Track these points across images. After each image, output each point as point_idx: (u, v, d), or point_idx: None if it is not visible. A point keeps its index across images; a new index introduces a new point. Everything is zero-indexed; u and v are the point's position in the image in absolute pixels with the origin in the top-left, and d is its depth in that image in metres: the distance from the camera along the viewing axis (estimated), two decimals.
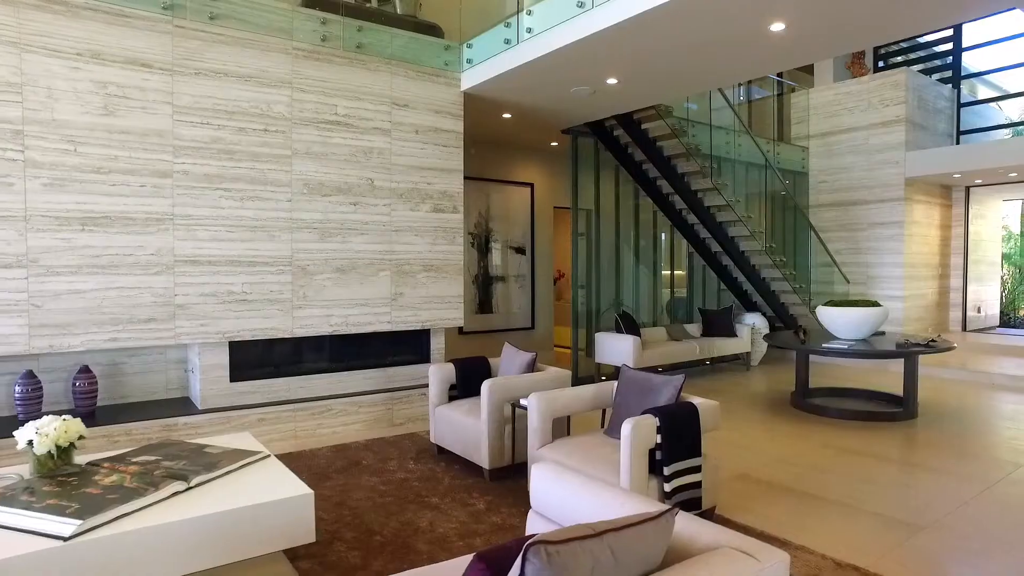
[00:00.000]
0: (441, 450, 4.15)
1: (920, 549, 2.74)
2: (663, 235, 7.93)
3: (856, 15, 3.67)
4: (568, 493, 1.74)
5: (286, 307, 4.46)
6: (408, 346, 5.21)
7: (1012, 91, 9.62)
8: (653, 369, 5.83)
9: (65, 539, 1.88)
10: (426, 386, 5.08)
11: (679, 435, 2.71)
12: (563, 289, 10.66)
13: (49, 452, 2.45)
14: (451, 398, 4.18)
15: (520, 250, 8.07)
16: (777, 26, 3.81)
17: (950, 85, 9.37)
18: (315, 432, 4.57)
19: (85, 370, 4.06)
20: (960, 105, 9.37)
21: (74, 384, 4.03)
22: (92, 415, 4.01)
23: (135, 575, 1.96)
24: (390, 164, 4.87)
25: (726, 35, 3.99)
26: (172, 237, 4.03)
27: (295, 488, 2.31)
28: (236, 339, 4.30)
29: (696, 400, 2.93)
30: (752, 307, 8.22)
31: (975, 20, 4.11)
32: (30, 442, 2.43)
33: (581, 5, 3.98)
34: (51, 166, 3.64)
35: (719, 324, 7.45)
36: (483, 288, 7.68)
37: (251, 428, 4.32)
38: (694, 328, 7.50)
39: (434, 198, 5.11)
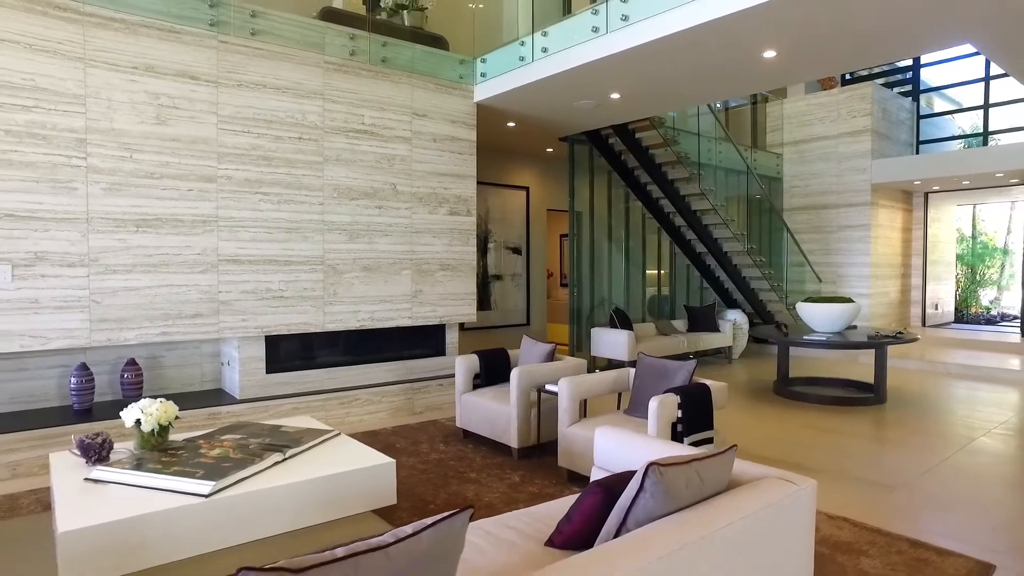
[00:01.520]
0: (467, 433, 4.53)
1: (896, 504, 3.25)
2: (651, 236, 8.43)
3: (835, 47, 4.18)
4: (629, 449, 2.16)
5: (318, 303, 4.79)
6: (425, 340, 5.57)
7: (965, 105, 10.44)
8: None
9: (206, 496, 2.22)
10: (443, 377, 5.45)
11: (696, 410, 3.16)
12: (551, 287, 11.12)
13: (152, 430, 2.77)
14: (475, 386, 4.57)
15: (516, 250, 8.49)
16: (769, 54, 4.31)
17: (910, 98, 10.12)
18: (344, 420, 4.90)
19: (132, 363, 4.33)
20: (919, 117, 10.13)
21: (122, 376, 4.29)
22: None
23: (260, 527, 2.31)
24: (411, 170, 5.23)
25: (724, 61, 4.47)
26: (216, 238, 4.32)
27: (378, 458, 2.68)
28: (273, 333, 4.61)
29: (708, 382, 3.39)
30: (733, 304, 8.79)
31: (932, 52, 4.72)
32: (137, 421, 2.75)
33: (596, 30, 4.42)
34: (110, 172, 3.91)
35: (703, 320, 7.99)
36: (482, 286, 8.06)
37: (286, 416, 4.63)
38: (680, 324, 8.02)
39: (450, 202, 5.49)
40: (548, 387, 3.94)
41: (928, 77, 10.49)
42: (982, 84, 9.45)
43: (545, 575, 1.21)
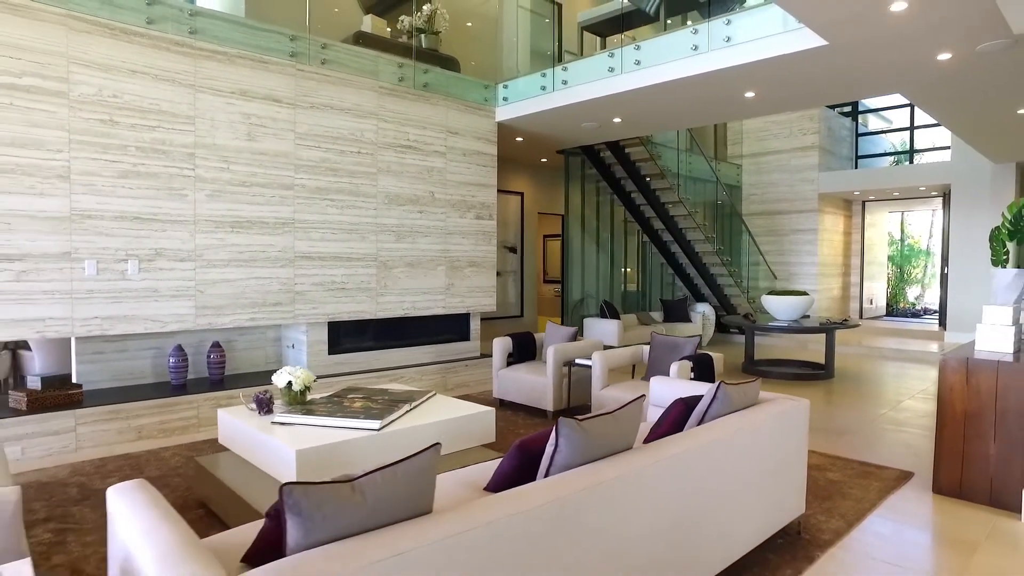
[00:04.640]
0: (503, 402, 5.42)
1: (848, 443, 4.34)
2: (630, 238, 9.49)
3: (799, 92, 5.27)
4: (674, 390, 3.11)
5: (372, 294, 5.57)
6: (453, 327, 6.42)
7: (896, 124, 11.97)
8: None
9: (377, 430, 3.04)
10: (469, 359, 6.31)
11: (704, 373, 4.15)
12: (535, 283, 12.05)
13: (299, 389, 3.55)
14: (508, 363, 5.45)
15: (512, 249, 9.38)
16: (750, 94, 5.36)
17: (850, 118, 11.56)
18: None
19: (216, 346, 5.01)
20: (858, 135, 11.58)
21: (209, 357, 4.97)
22: (222, 382, 4.97)
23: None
24: (445, 180, 6.06)
25: (713, 99, 5.51)
26: (293, 238, 5.05)
27: (481, 408, 3.54)
28: (335, 319, 5.37)
29: (710, 352, 4.39)
30: (700, 298, 9.96)
31: (872, 97, 5.88)
32: (289, 383, 3.52)
33: (611, 70, 5.37)
34: (212, 181, 4.60)
35: (677, 311, 9.11)
36: None
37: None
38: (657, 315, 9.12)
39: (476, 208, 6.35)
40: (579, 360, 4.88)
41: (865, 99, 11.96)
42: (908, 109, 10.95)
43: (666, 442, 2.13)
